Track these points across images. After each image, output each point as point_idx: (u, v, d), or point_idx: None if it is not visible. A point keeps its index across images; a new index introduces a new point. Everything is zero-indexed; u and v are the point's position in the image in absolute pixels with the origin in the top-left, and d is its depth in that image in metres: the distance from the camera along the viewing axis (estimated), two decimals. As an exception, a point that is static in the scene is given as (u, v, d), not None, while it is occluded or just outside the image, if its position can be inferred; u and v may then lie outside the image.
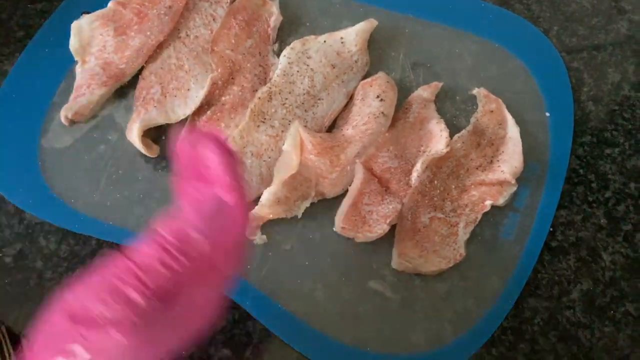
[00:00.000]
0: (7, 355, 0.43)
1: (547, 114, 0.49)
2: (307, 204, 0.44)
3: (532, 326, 0.42)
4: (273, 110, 0.46)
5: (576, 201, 0.46)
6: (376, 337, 0.41)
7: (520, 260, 0.43)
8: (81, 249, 0.44)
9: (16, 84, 0.49)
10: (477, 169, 0.46)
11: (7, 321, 0.42)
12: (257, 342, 0.41)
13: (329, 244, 0.44)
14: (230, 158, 0.30)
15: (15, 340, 0.44)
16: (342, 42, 0.50)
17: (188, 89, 0.47)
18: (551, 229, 0.44)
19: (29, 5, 0.53)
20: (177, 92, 0.47)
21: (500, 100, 0.48)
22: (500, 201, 0.44)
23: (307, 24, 0.52)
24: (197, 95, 0.47)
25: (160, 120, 0.46)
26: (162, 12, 0.49)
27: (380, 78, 0.48)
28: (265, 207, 0.43)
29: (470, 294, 0.42)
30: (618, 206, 0.45)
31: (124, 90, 0.49)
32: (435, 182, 0.45)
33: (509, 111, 0.48)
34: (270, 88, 0.47)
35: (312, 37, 0.50)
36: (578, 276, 0.43)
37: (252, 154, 0.45)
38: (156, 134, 0.47)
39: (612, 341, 0.41)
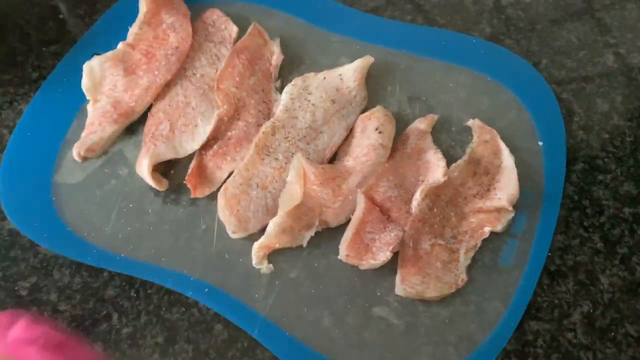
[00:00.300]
0: None
1: (540, 143, 0.50)
2: (311, 233, 0.46)
3: (535, 349, 0.42)
4: (277, 143, 0.48)
5: (572, 226, 0.47)
6: (382, 363, 0.42)
7: (520, 285, 0.44)
8: (94, 281, 0.45)
9: (31, 123, 0.51)
10: (474, 196, 0.48)
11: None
12: None
13: (334, 271, 0.45)
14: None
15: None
16: (340, 79, 0.52)
17: (195, 125, 0.49)
18: (549, 254, 0.46)
19: (43, 49, 0.56)
20: (185, 128, 0.49)
21: (494, 131, 0.50)
22: (499, 227, 0.46)
23: (307, 61, 0.55)
24: (204, 131, 0.49)
25: (169, 155, 0.48)
26: (169, 52, 0.52)
27: (378, 111, 0.51)
28: (272, 237, 0.45)
29: (472, 318, 0.43)
30: (613, 230, 0.47)
31: (133, 127, 0.51)
32: (435, 209, 0.47)
33: (503, 141, 0.50)
34: (273, 123, 0.49)
35: (312, 74, 0.52)
36: (577, 299, 0.44)
37: (257, 186, 0.47)
38: (165, 169, 0.49)
39: (614, 362, 0.42)
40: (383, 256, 0.44)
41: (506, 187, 0.47)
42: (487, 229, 0.46)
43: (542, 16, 0.59)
